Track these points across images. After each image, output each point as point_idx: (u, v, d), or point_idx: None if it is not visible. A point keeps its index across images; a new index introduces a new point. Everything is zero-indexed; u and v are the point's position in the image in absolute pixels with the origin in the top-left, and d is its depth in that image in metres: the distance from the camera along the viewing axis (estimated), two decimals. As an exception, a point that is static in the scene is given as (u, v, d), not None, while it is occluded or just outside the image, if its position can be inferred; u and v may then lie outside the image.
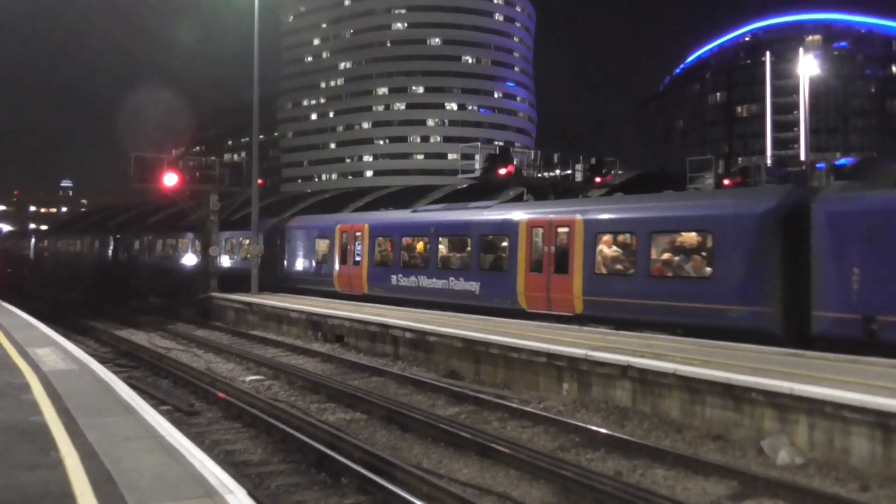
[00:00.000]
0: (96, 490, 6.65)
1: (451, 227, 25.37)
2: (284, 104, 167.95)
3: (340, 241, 29.63)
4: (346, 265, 29.23)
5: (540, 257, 21.33)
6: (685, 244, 18.16)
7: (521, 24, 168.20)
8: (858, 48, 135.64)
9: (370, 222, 28.57)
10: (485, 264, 23.40)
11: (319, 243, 31.25)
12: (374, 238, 27.98)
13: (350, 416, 14.00)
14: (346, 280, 29.23)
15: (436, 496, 9.08)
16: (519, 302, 21.68)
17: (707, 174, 31.43)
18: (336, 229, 29.93)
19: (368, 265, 27.90)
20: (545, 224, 21.35)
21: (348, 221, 30.19)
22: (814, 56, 56.68)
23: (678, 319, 17.43)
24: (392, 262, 26.97)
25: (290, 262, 33.14)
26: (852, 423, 10.27)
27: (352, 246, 28.95)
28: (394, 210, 30.52)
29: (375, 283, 27.60)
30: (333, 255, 29.96)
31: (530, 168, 29.96)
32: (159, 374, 18.61)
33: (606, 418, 13.34)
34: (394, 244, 27.14)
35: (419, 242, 26.45)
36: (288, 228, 33.67)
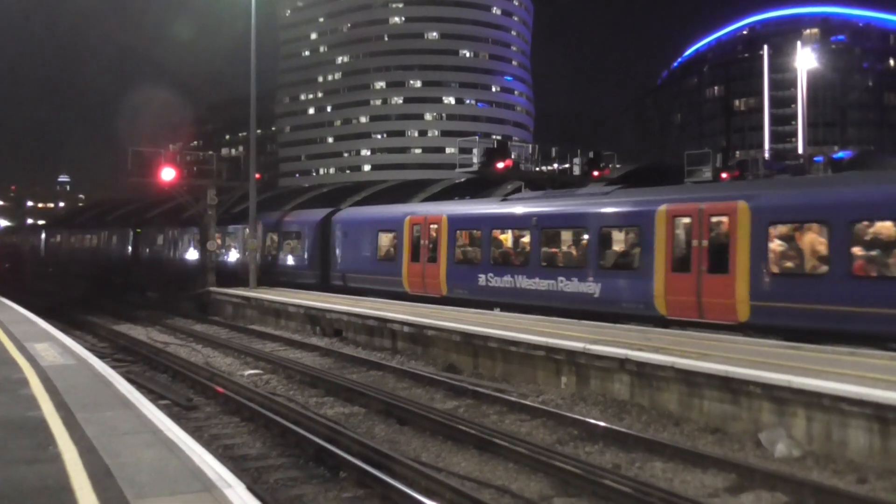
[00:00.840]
0: (95, 484, 6.64)
1: (559, 219, 21.95)
2: (282, 98, 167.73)
3: (410, 234, 26.23)
4: (417, 262, 25.79)
5: (686, 253, 18.04)
6: None
7: (519, 17, 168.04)
8: (856, 42, 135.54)
9: (449, 213, 25.14)
10: (607, 262, 20.03)
11: (382, 238, 27.90)
12: (454, 231, 24.70)
13: (348, 409, 14.00)
14: (417, 279, 25.83)
15: (434, 490, 9.08)
16: (655, 307, 18.42)
17: (705, 168, 31.40)
18: (404, 222, 26.48)
19: (448, 263, 24.56)
20: (693, 213, 17.93)
21: (420, 212, 26.59)
22: (811, 50, 56.67)
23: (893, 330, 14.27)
24: (479, 260, 23.66)
25: (343, 259, 29.92)
26: (850, 415, 10.28)
27: (425, 241, 25.51)
28: (475, 199, 27.67)
29: (457, 283, 24.32)
30: (400, 252, 26.59)
31: (528, 162, 29.91)
32: (158, 369, 18.61)
33: (605, 411, 13.36)
34: (481, 238, 23.85)
35: (516, 236, 23.18)
36: (339, 221, 30.46)
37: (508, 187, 33.03)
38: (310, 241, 31.47)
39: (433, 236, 25.31)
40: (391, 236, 27.51)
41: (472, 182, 35.32)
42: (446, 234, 24.79)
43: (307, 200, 42.07)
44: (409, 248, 26.22)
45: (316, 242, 31.13)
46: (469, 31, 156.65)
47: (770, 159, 41.48)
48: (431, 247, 25.27)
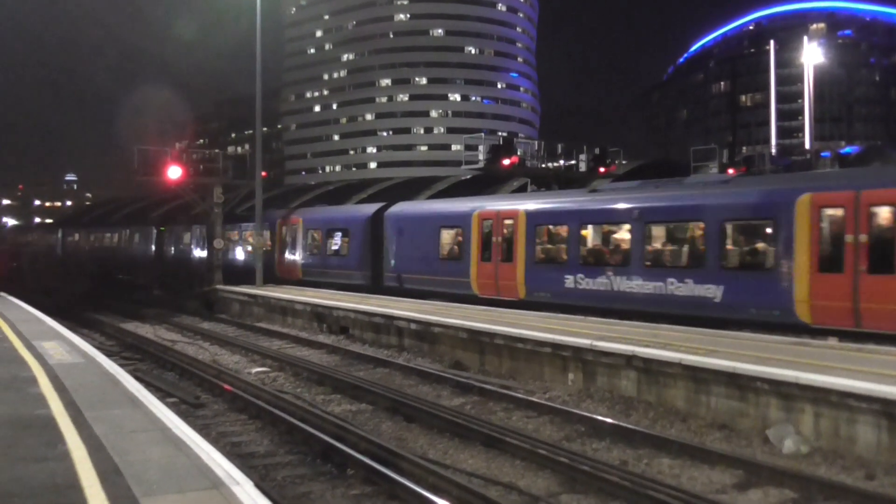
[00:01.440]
0: (104, 482, 6.67)
1: (669, 212, 19.26)
2: (287, 96, 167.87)
3: (479, 231, 23.73)
4: (488, 262, 23.23)
5: (836, 251, 15.54)
6: None
7: (524, 14, 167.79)
8: (863, 36, 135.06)
9: (527, 208, 22.57)
10: (731, 261, 17.50)
11: (445, 235, 25.47)
12: (532, 227, 22.15)
13: (355, 407, 14.02)
14: (488, 281, 23.33)
15: (442, 486, 9.09)
16: (796, 312, 15.95)
17: (711, 163, 31.35)
18: (472, 217, 23.95)
19: (526, 262, 22.06)
20: (846, 202, 15.38)
21: (491, 207, 23.85)
22: (818, 44, 56.48)
23: None
24: (565, 259, 20.99)
25: (398, 259, 27.38)
26: (858, 411, 10.26)
27: (498, 238, 23.09)
28: (555, 192, 25.44)
29: (538, 285, 21.78)
30: (467, 250, 24.07)
31: (534, 158, 29.91)
32: (165, 367, 18.65)
33: (612, 408, 13.35)
34: (568, 235, 21.23)
35: (612, 232, 20.65)
36: (393, 218, 27.95)
37: (514, 184, 33.06)
38: (359, 239, 29.38)
39: (507, 233, 22.87)
40: (455, 233, 25.12)
41: (477, 179, 35.36)
42: (524, 230, 22.25)
43: (316, 197, 41.73)
44: (478, 247, 23.75)
45: (366, 240, 28.99)
46: (474, 28, 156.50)
47: (776, 155, 41.30)
48: (506, 245, 22.84)
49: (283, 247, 33.92)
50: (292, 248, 33.24)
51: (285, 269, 33.53)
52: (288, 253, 33.48)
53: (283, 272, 33.41)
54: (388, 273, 27.70)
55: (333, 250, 30.98)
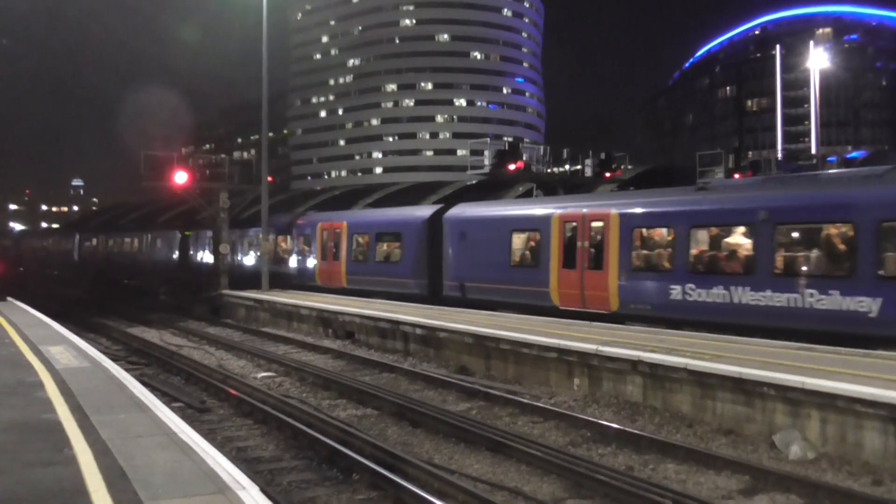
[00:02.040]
0: (110, 486, 6.68)
1: (808, 211, 16.62)
2: (293, 101, 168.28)
3: (560, 236, 21.24)
4: (571, 270, 20.69)
5: None
6: None
7: (530, 19, 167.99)
8: (869, 41, 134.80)
9: (619, 208, 19.93)
10: (891, 268, 14.92)
11: (517, 240, 23.00)
12: (628, 231, 19.54)
13: (361, 412, 14.03)
14: (572, 291, 20.66)
15: (447, 492, 9.09)
16: None
17: (717, 168, 31.32)
18: (551, 220, 21.51)
19: (621, 270, 19.41)
20: None
21: (575, 208, 21.32)
22: (824, 49, 56.33)
23: None
24: (671, 266, 18.38)
25: (460, 266, 24.81)
26: (865, 417, 10.22)
27: (583, 242, 20.51)
28: (650, 190, 22.42)
29: (635, 296, 19.06)
30: (545, 257, 21.58)
31: (540, 164, 29.92)
32: (171, 372, 18.70)
33: (617, 413, 13.33)
34: (674, 239, 18.56)
35: (727, 235, 17.72)
36: (453, 221, 25.34)
37: (520, 189, 33.05)
38: (413, 244, 26.92)
39: (596, 237, 20.40)
40: (530, 238, 22.71)
41: (483, 184, 35.35)
42: (617, 234, 19.73)
43: (335, 197, 41.09)
44: (558, 253, 21.18)
45: (421, 246, 26.56)
46: (480, 33, 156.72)
47: (783, 159, 41.27)
48: (594, 251, 20.35)
49: (324, 252, 31.39)
50: (335, 254, 30.64)
51: (327, 276, 31.10)
52: (331, 259, 30.93)
53: (325, 279, 31.14)
54: (449, 282, 25.12)
55: (383, 257, 28.71)
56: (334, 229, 30.85)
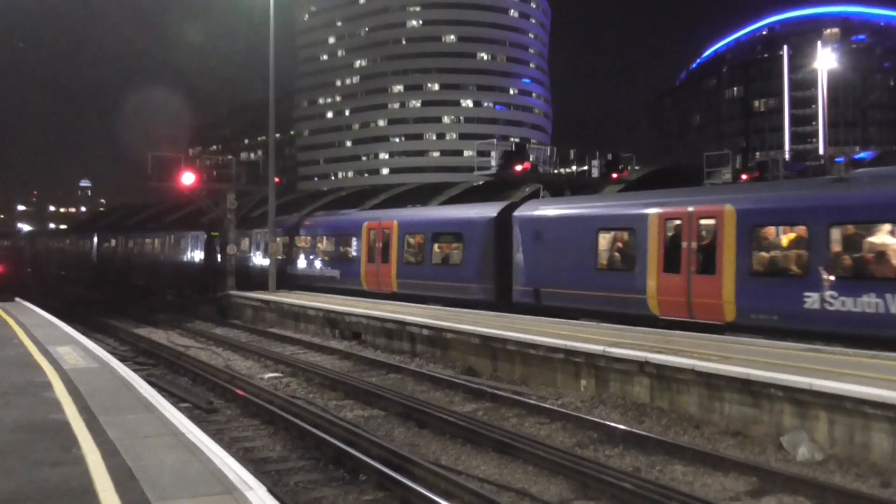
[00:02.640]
0: (118, 486, 6.71)
1: None
2: (300, 102, 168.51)
3: (661, 236, 18.90)
4: (674, 275, 18.34)
5: None
6: None
7: (537, 20, 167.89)
8: (877, 41, 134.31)
9: (736, 204, 17.51)
10: None
11: (605, 240, 20.77)
12: (747, 229, 17.15)
13: (368, 412, 14.04)
14: (675, 298, 18.26)
15: (454, 492, 9.09)
16: None
17: (724, 169, 31.28)
18: (650, 219, 19.04)
19: (737, 274, 17.07)
20: None
21: (677, 205, 19.00)
22: (832, 50, 56.27)
23: None
24: (803, 270, 16.03)
25: (534, 269, 22.27)
26: (873, 418, 10.19)
27: (690, 243, 18.15)
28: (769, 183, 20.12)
29: (757, 303, 16.66)
30: (642, 259, 19.16)
31: (546, 164, 29.93)
32: (178, 372, 18.74)
33: (624, 414, 13.31)
34: (808, 238, 16.12)
35: (881, 233, 15.24)
36: (526, 220, 22.93)
37: (527, 190, 33.04)
38: (477, 245, 24.60)
39: (706, 237, 18.16)
40: (621, 238, 20.51)
41: (489, 185, 35.36)
42: (733, 233, 17.35)
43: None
44: (658, 255, 18.87)
45: (487, 247, 24.29)
46: (486, 34, 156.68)
47: (790, 160, 41.18)
48: (703, 252, 18.11)
49: (371, 254, 28.92)
50: (384, 256, 28.11)
51: (374, 280, 28.63)
52: (379, 261, 28.44)
53: (372, 284, 28.71)
54: (520, 287, 22.67)
55: (441, 259, 26.31)
56: (383, 229, 28.47)
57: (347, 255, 30.79)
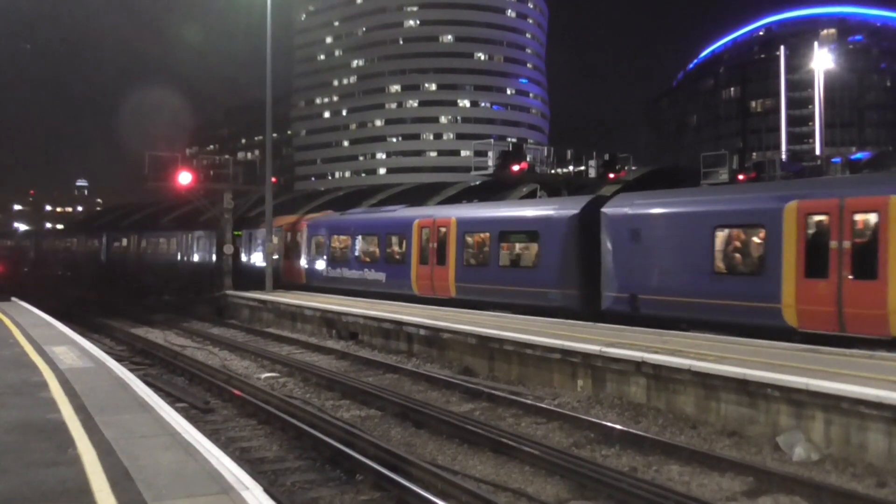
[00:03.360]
0: (114, 486, 6.69)
1: None
2: (297, 102, 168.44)
3: (798, 233, 16.04)
4: (820, 280, 15.52)
5: None
6: None
7: (534, 20, 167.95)
8: (873, 42, 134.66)
9: None
10: None
11: (723, 239, 17.95)
12: None
13: (365, 412, 14.03)
14: (822, 308, 15.53)
15: (451, 493, 9.09)
16: None
17: (721, 170, 31.35)
18: (784, 213, 16.20)
19: None
20: None
21: (818, 196, 16.28)
22: (828, 50, 56.36)
23: None
24: None
25: (629, 273, 19.45)
26: (869, 418, 10.20)
27: (839, 241, 15.40)
28: None
29: None
30: (773, 261, 16.48)
31: (543, 164, 29.98)
32: (175, 372, 18.72)
33: (621, 414, 13.32)
34: None
35: None
36: (617, 217, 19.98)
37: (524, 190, 33.09)
38: (556, 245, 21.65)
39: (867, 236, 15.31)
40: (745, 237, 17.70)
41: (486, 185, 35.40)
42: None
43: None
44: (796, 256, 16.04)
45: (569, 248, 21.41)
46: (484, 34, 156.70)
47: (787, 161, 41.26)
48: (861, 253, 15.21)
49: (423, 256, 26.15)
50: (440, 258, 25.30)
51: (428, 284, 25.86)
52: (433, 263, 25.64)
53: (425, 288, 25.96)
54: (612, 293, 19.88)
55: (510, 261, 23.46)
56: (438, 227, 25.57)
57: (394, 257, 27.94)
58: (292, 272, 33.96)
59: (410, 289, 26.53)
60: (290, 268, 34.20)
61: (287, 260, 34.43)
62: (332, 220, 33.12)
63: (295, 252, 34.00)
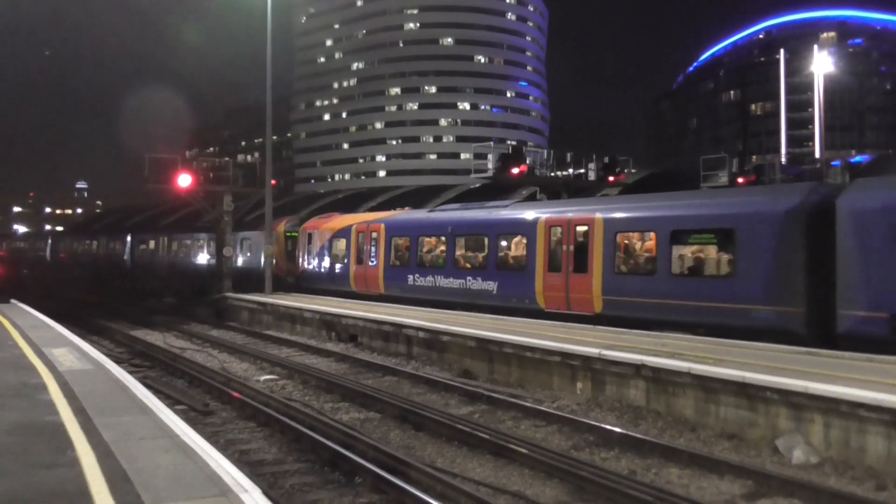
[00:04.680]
0: (112, 489, 6.70)
1: None
2: (297, 105, 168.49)
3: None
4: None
5: None
6: None
7: (534, 23, 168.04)
8: (873, 45, 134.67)
9: None
10: None
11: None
12: None
13: (364, 415, 14.03)
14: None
15: (450, 495, 9.09)
16: None
17: (721, 172, 31.36)
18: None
19: None
20: None
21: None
22: (828, 53, 56.42)
23: None
24: None
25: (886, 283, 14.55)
26: (868, 421, 10.20)
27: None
28: None
29: None
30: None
31: (543, 167, 30.00)
32: (174, 374, 18.71)
33: (620, 417, 13.32)
34: None
35: None
36: (869, 212, 15.16)
37: (523, 193, 33.08)
38: (765, 248, 16.85)
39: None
40: None
41: (486, 187, 35.41)
42: None
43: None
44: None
45: (786, 252, 16.58)
46: (484, 37, 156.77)
47: (787, 164, 41.27)
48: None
49: (552, 262, 21.35)
50: (579, 265, 20.48)
51: (559, 295, 20.97)
52: (568, 271, 20.77)
53: (555, 300, 21.11)
54: (859, 312, 14.95)
55: (688, 268, 18.53)
56: (574, 226, 20.88)
57: (508, 263, 23.43)
58: (366, 279, 28.84)
59: (534, 301, 21.85)
60: (363, 275, 29.09)
61: (359, 265, 29.29)
62: (418, 218, 28.12)
63: (367, 256, 28.91)
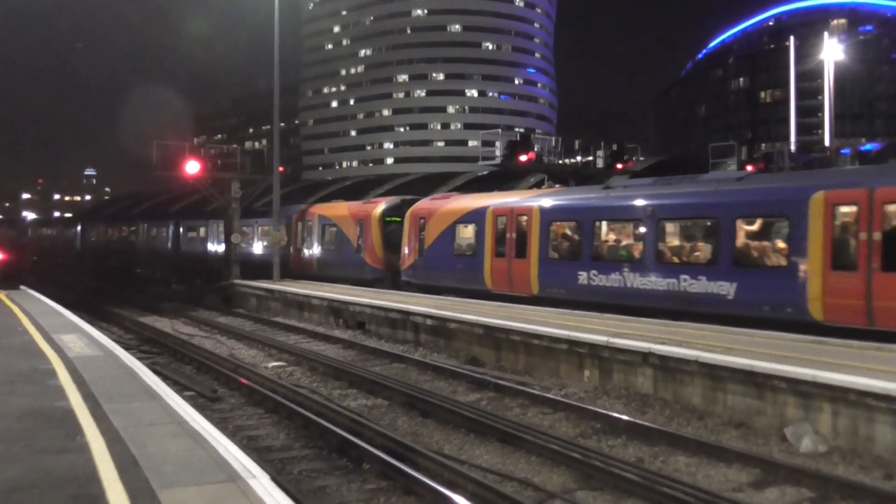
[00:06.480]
0: (122, 474, 6.73)
1: None
2: (305, 92, 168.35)
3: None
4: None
5: None
6: None
7: (542, 9, 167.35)
8: (884, 32, 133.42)
9: None
10: None
11: None
12: None
13: (371, 402, 14.05)
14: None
15: (457, 482, 9.10)
16: None
17: (730, 160, 31.21)
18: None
19: None
20: None
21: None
22: (839, 40, 55.99)
23: None
24: None
25: None
26: (877, 410, 10.17)
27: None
28: None
29: None
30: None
31: (551, 155, 29.92)
32: (182, 361, 18.77)
33: (628, 405, 13.31)
34: None
35: None
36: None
37: (531, 180, 33.01)
38: None
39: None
40: None
41: (494, 175, 35.33)
42: None
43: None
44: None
45: None
46: (492, 24, 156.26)
47: (796, 152, 41.05)
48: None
49: (838, 255, 14.92)
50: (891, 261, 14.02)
51: (859, 305, 14.40)
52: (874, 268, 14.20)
53: (842, 311, 14.75)
54: None
55: None
56: (884, 205, 14.33)
57: (750, 256, 16.96)
58: (510, 277, 22.54)
59: (802, 310, 15.36)
60: (504, 271, 22.80)
61: (498, 258, 22.96)
62: (592, 197, 21.34)
63: (511, 247, 22.53)
